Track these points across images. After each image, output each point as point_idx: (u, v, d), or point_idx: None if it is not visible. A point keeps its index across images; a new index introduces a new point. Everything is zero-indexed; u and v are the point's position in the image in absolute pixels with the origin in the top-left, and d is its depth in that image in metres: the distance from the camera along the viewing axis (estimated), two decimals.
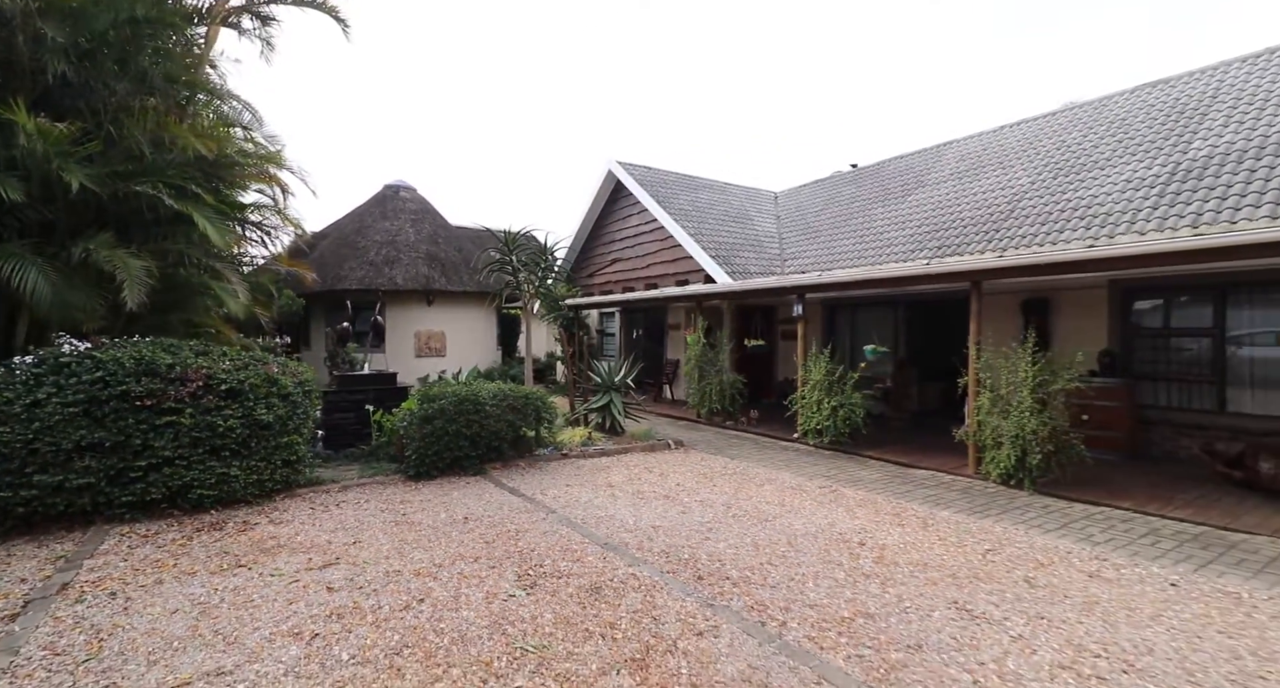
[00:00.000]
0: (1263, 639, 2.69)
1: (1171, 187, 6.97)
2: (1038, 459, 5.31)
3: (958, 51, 66.82)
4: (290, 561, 3.61)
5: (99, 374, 4.21)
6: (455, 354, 12.07)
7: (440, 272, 11.94)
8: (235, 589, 3.19)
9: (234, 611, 2.94)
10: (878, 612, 2.96)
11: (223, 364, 4.77)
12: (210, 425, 4.53)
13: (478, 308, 12.93)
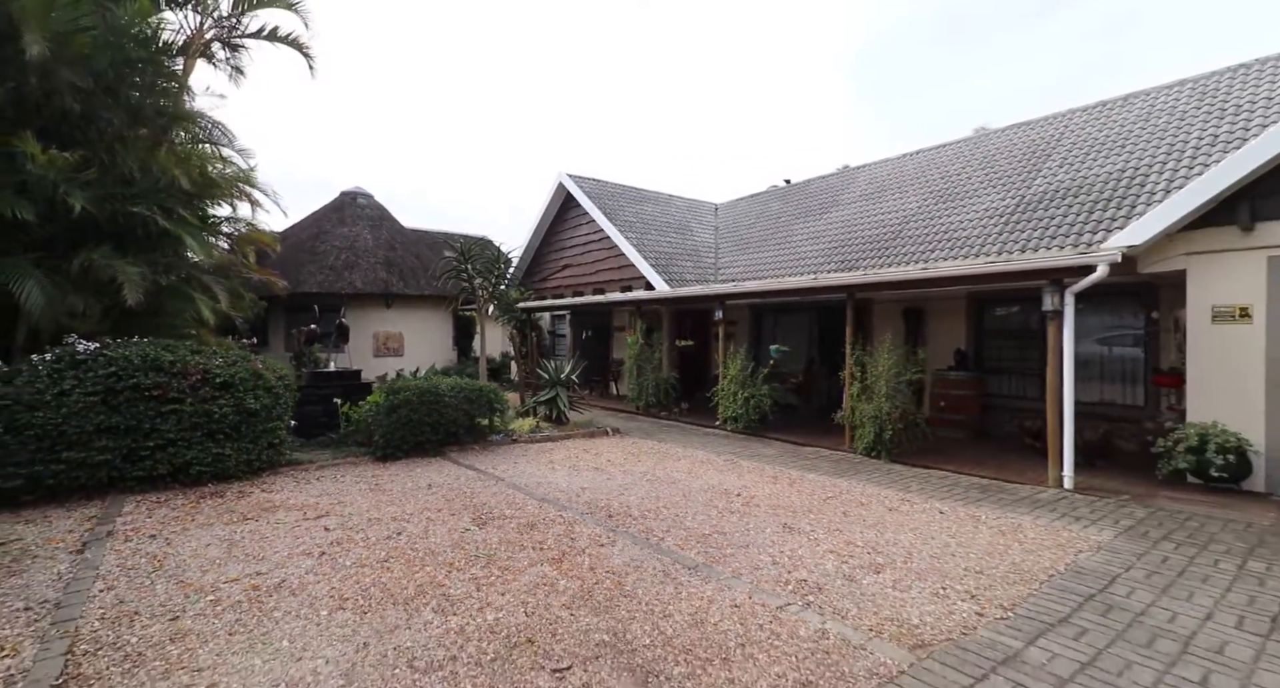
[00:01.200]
0: (971, 539, 4.19)
1: (1015, 216, 8.75)
2: (890, 435, 6.87)
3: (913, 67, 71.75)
4: (288, 515, 4.64)
5: (112, 369, 5.09)
6: (413, 354, 12.91)
7: (398, 276, 12.76)
8: (251, 531, 4.22)
9: (254, 542, 3.99)
10: (728, 530, 4.30)
11: (216, 361, 5.69)
12: (207, 413, 5.45)
13: (434, 310, 13.80)
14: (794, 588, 3.31)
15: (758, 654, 2.61)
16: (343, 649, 2.62)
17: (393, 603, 3.08)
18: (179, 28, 7.18)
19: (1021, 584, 3.38)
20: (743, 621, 2.91)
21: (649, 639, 2.73)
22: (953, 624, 2.89)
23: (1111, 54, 55.57)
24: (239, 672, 2.45)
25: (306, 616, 2.94)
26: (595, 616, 2.96)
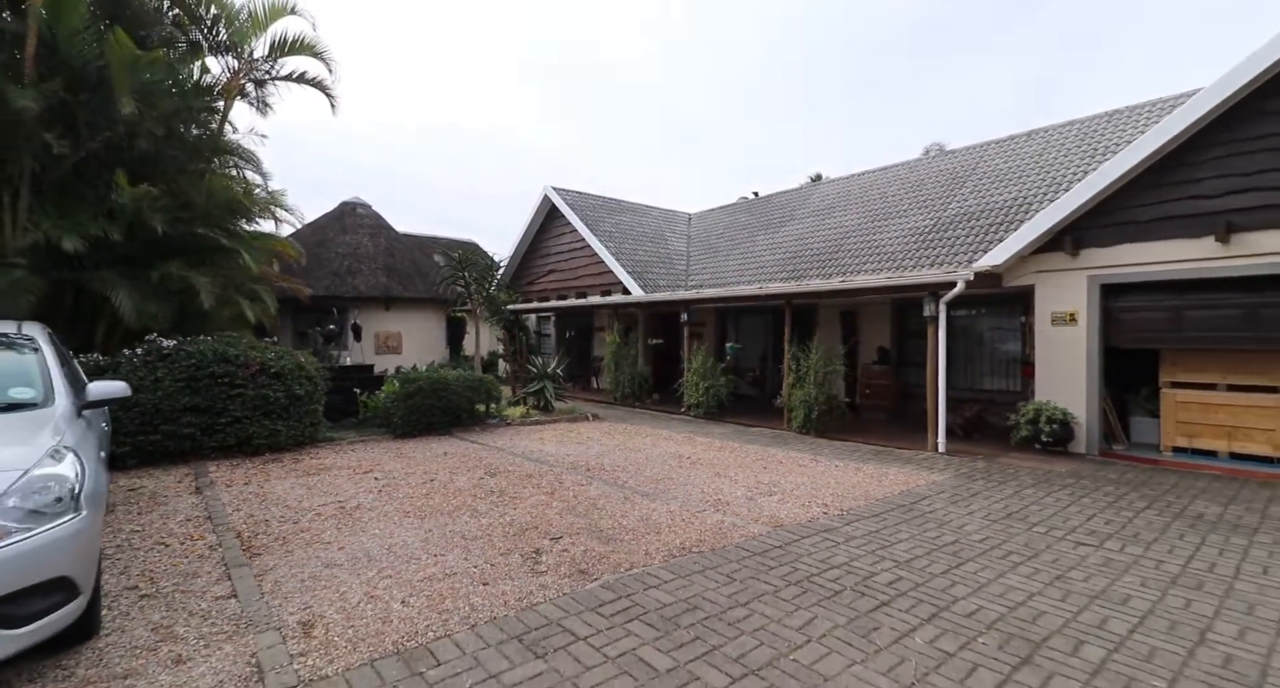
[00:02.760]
0: (846, 480, 5.90)
1: (931, 236, 10.59)
2: (817, 415, 8.61)
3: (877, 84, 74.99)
4: (340, 472, 6.15)
5: (193, 362, 6.54)
6: (410, 352, 14.34)
7: (397, 280, 14.17)
8: (318, 481, 5.73)
9: (325, 486, 5.51)
10: (675, 477, 5.96)
11: (268, 355, 7.16)
12: (264, 397, 6.92)
13: (429, 312, 15.25)
14: (711, 503, 4.98)
15: (678, 530, 4.26)
16: (415, 533, 4.20)
17: (439, 514, 4.66)
18: (221, 71, 8.60)
19: (862, 501, 5.10)
20: (672, 517, 4.57)
21: (611, 526, 4.37)
22: (804, 518, 4.59)
23: (1079, 64, 59.15)
24: (355, 543, 4.01)
25: (384, 520, 4.50)
26: (576, 517, 4.58)
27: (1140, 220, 6.99)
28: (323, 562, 3.65)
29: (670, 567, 3.61)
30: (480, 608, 3.03)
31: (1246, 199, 6.27)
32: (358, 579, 3.38)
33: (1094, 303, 7.36)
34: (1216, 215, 6.41)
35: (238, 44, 8.51)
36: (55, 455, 2.51)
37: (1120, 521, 4.63)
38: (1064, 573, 3.57)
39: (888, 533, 4.28)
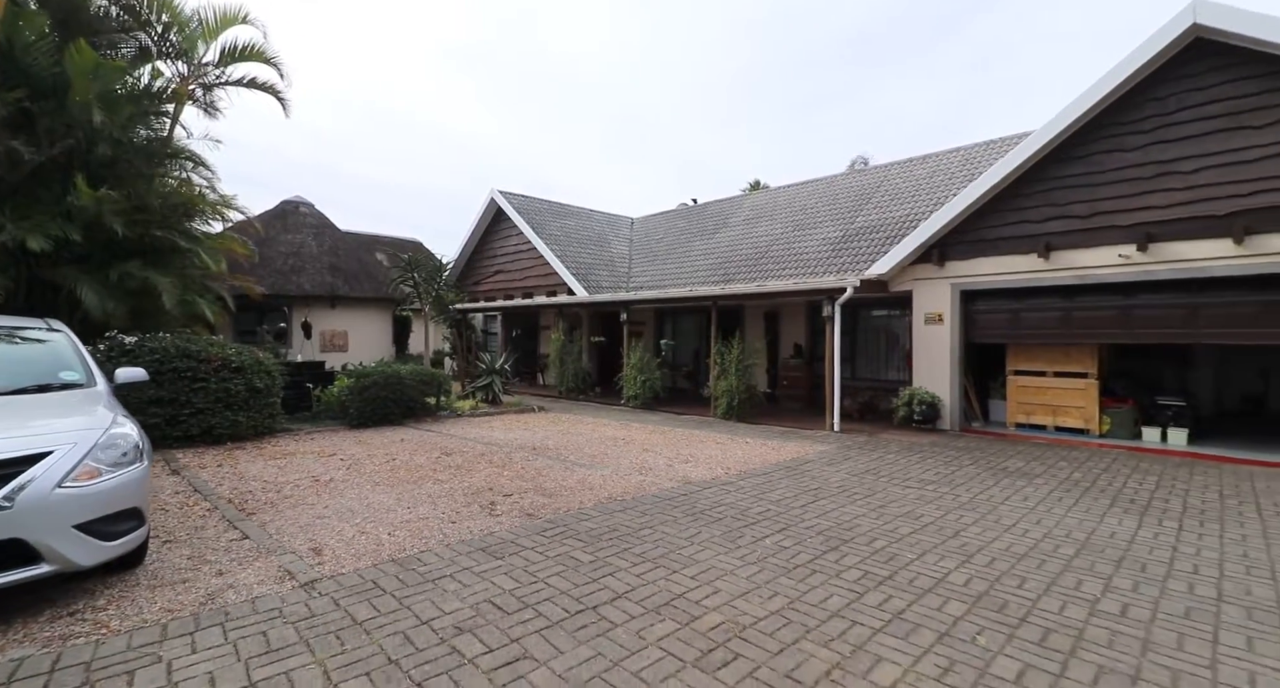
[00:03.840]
0: (750, 453, 7.22)
1: (840, 245, 12.24)
2: (737, 403, 9.98)
3: None
4: (306, 456, 6.87)
5: (156, 357, 7.05)
6: (356, 349, 14.72)
7: (343, 279, 14.52)
8: (287, 463, 6.45)
9: (294, 466, 6.25)
10: (609, 453, 7.09)
11: (229, 351, 7.72)
12: (226, 390, 7.49)
13: (375, 310, 15.66)
14: (636, 470, 6.15)
15: (607, 487, 5.39)
16: (387, 496, 5.10)
17: (405, 483, 5.57)
18: (172, 76, 8.97)
19: (758, 465, 6.41)
20: (604, 479, 5.69)
21: (553, 486, 5.43)
22: (709, 477, 5.83)
23: (991, 84, 65.27)
24: (337, 503, 4.87)
25: (357, 488, 5.37)
26: (524, 481, 5.62)
27: (988, 239, 8.75)
28: (313, 515, 4.52)
29: (598, 509, 4.73)
30: (451, 535, 4.04)
31: (1060, 224, 8.09)
32: (347, 525, 4.29)
33: (956, 306, 9.09)
34: (1039, 237, 8.21)
35: (188, 51, 8.91)
36: (120, 421, 3.32)
37: (946, 473, 6.15)
38: (886, 504, 4.96)
39: (769, 485, 5.58)
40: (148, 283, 7.64)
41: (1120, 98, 7.57)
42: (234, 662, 2.46)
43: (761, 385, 12.77)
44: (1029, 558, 3.75)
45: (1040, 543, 4.02)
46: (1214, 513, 4.77)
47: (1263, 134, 6.66)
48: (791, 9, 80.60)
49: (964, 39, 72.67)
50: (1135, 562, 3.70)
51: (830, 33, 78.88)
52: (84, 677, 2.34)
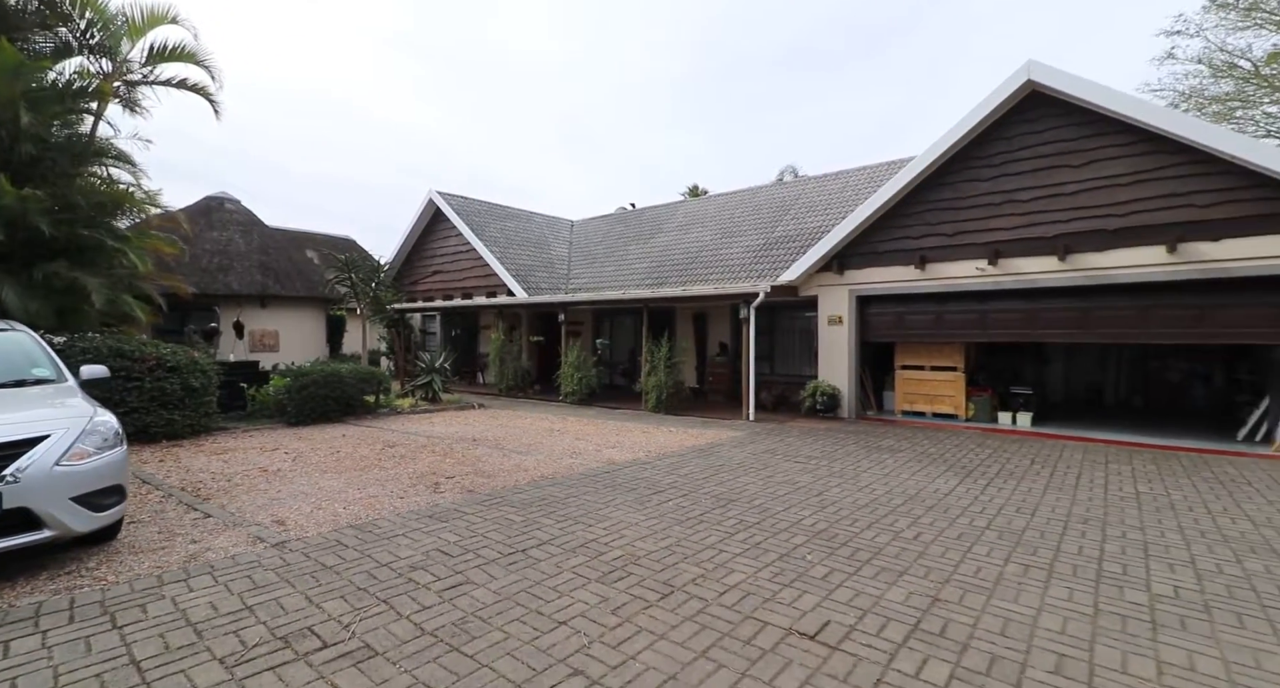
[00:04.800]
0: (670, 439, 8.22)
1: (762, 253, 13.52)
2: (666, 397, 11.00)
3: None
4: (248, 452, 7.23)
5: (89, 356, 7.18)
6: (288, 349, 14.63)
7: (274, 278, 14.40)
8: (230, 457, 6.82)
9: (238, 460, 6.64)
10: (544, 442, 7.88)
11: (164, 350, 7.90)
12: (161, 389, 7.68)
13: (308, 309, 15.58)
14: (567, 454, 6.98)
15: (540, 469, 6.20)
16: (337, 481, 5.68)
17: (352, 470, 6.14)
18: (96, 73, 8.92)
19: (675, 449, 7.41)
20: (537, 463, 6.49)
21: (491, 469, 6.18)
22: (631, 459, 6.76)
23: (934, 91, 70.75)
24: (289, 489, 5.41)
25: (306, 476, 5.90)
26: (465, 467, 6.33)
27: (878, 251, 10.20)
28: (268, 498, 5.07)
29: (531, 485, 5.53)
30: (401, 507, 4.73)
31: (932, 241, 9.61)
32: (303, 503, 4.89)
33: (853, 309, 10.50)
34: (916, 251, 9.71)
35: (112, 48, 8.91)
36: (100, 411, 3.82)
37: (830, 450, 7.38)
38: (774, 475, 6.05)
39: (681, 463, 6.58)
40: (76, 283, 7.70)
41: (977, 136, 9.14)
42: (228, 595, 3.11)
43: (690, 381, 13.90)
44: (867, 507, 4.90)
45: (880, 497, 5.21)
46: (1019, 473, 6.19)
47: (1079, 172, 8.35)
48: (734, 15, 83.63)
49: (895, 54, 77.97)
50: (942, 507, 4.92)
51: (770, 41, 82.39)
52: (102, 610, 2.93)
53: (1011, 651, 2.66)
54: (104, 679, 2.36)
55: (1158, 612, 3.05)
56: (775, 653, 2.63)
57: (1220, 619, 2.97)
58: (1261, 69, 14.70)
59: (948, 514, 4.73)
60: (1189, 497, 5.29)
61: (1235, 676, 2.48)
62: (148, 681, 2.35)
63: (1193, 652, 2.66)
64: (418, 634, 2.75)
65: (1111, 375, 12.53)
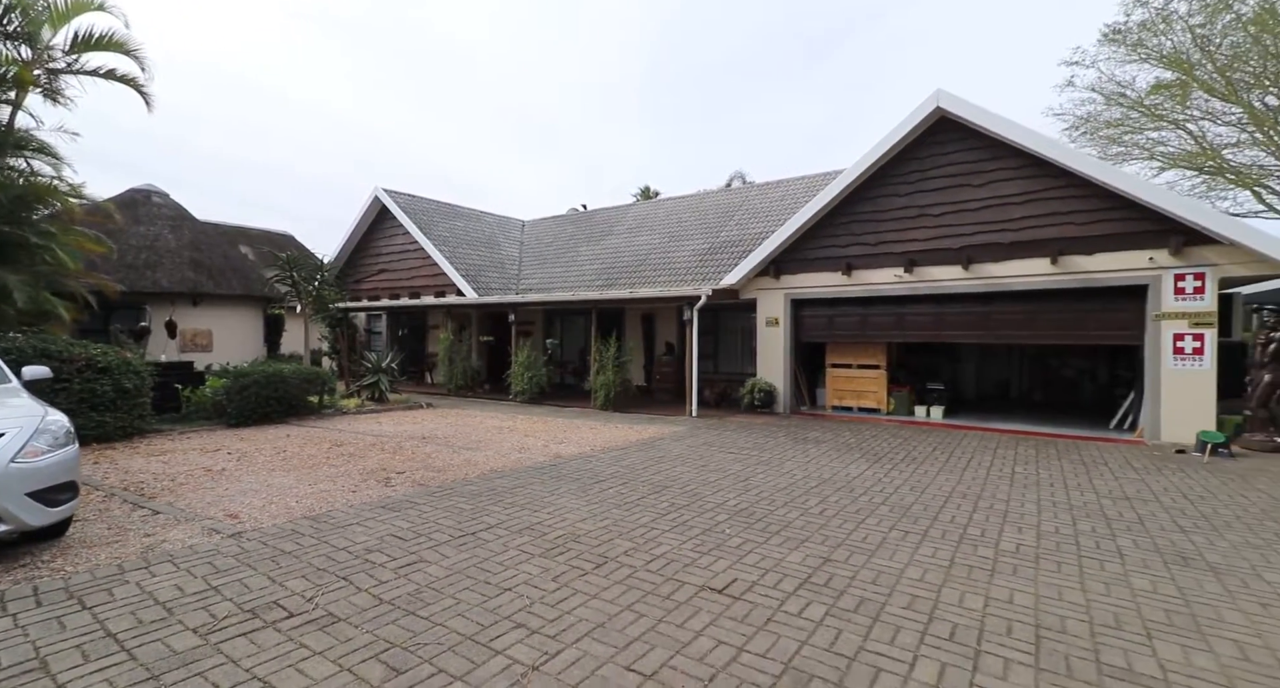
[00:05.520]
0: (617, 434, 8.72)
1: (707, 257, 14.20)
2: (614, 395, 11.49)
3: None
4: (188, 453, 7.21)
5: (11, 357, 6.97)
6: (222, 350, 14.17)
7: (207, 275, 13.91)
8: (170, 458, 6.81)
9: (179, 461, 6.65)
10: (494, 440, 8.21)
11: (94, 351, 7.72)
12: (91, 390, 7.52)
13: (244, 308, 15.13)
14: (516, 450, 7.36)
15: (490, 463, 6.56)
16: (287, 479, 5.85)
17: (302, 468, 6.30)
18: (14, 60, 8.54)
19: (619, 443, 7.92)
20: (487, 458, 6.84)
21: (442, 464, 6.49)
22: (577, 453, 7.21)
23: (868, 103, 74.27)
24: (238, 487, 5.55)
25: (254, 475, 6.02)
26: (415, 463, 6.60)
27: (810, 258, 11.05)
28: (217, 495, 5.22)
29: (480, 478, 5.90)
30: (354, 500, 5.01)
31: (857, 249, 10.53)
32: (254, 499, 5.08)
33: (788, 312, 11.32)
34: (843, 258, 10.61)
35: (33, 34, 8.57)
36: (51, 411, 3.94)
37: (762, 442, 8.08)
38: (708, 465, 6.65)
39: (624, 456, 7.09)
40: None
41: (895, 155, 10.11)
42: (192, 579, 3.37)
43: (638, 380, 14.46)
44: (785, 490, 5.56)
45: (798, 481, 5.89)
46: (920, 459, 7.05)
47: (979, 191, 9.42)
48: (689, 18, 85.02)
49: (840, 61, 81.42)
50: (848, 488, 5.64)
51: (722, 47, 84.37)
52: (68, 595, 3.14)
53: (878, 594, 3.30)
54: (84, 650, 2.62)
55: (999, 563, 3.79)
56: (689, 604, 3.16)
57: (1044, 567, 3.74)
58: (1144, 99, 16.64)
59: (852, 494, 5.44)
60: (1054, 475, 6.24)
61: (1041, 604, 3.21)
62: (127, 648, 2.64)
63: (1015, 590, 3.38)
64: (376, 603, 3.13)
65: (1016, 373, 13.97)
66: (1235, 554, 3.95)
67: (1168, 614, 3.09)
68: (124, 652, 2.61)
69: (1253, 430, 7.77)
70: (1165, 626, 2.97)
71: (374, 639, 2.76)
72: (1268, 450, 7.52)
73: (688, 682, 2.44)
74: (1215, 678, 2.51)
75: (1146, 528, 4.49)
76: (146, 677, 2.42)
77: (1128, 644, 2.78)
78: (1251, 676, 2.53)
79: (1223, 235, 7.66)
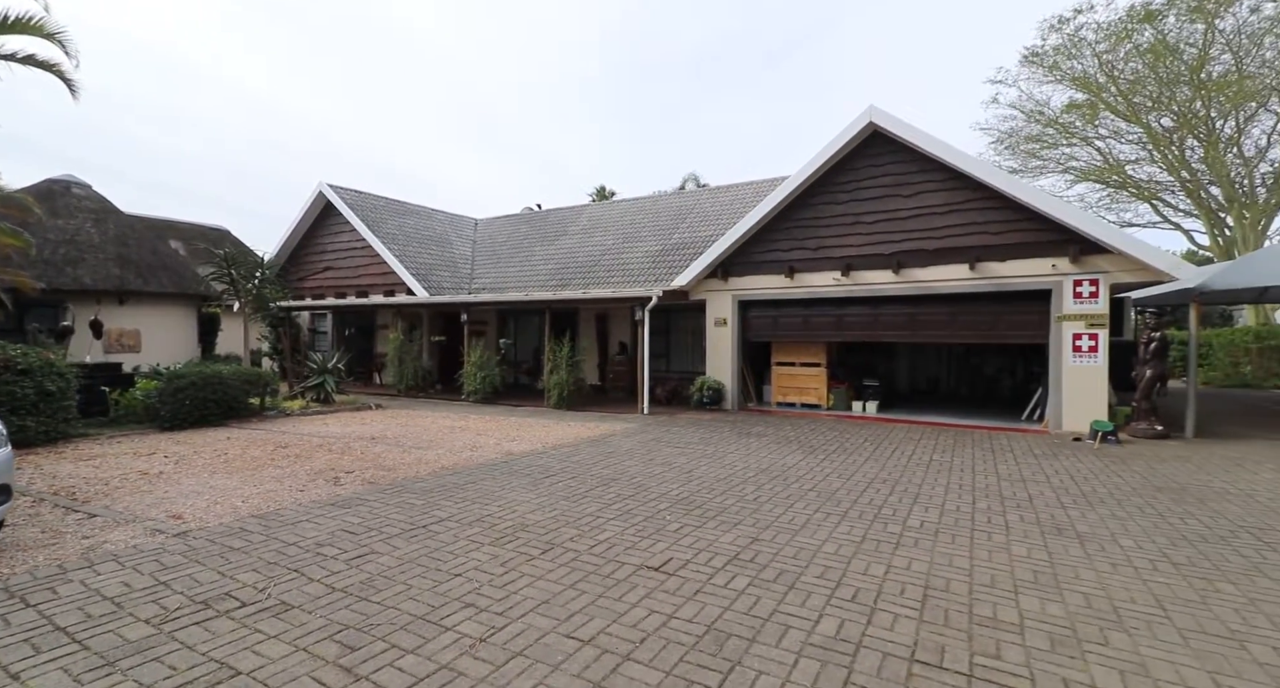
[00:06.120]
0: (569, 431, 8.97)
1: (659, 258, 14.59)
2: (567, 394, 11.71)
3: None
4: (120, 457, 6.99)
5: None
6: (152, 350, 13.50)
7: (135, 272, 13.21)
8: (101, 463, 6.59)
9: (111, 465, 6.46)
10: (445, 439, 8.30)
11: (13, 352, 7.35)
12: (10, 393, 7.17)
13: (176, 306, 14.45)
14: (468, 448, 7.50)
15: (441, 462, 6.69)
16: (229, 480, 5.82)
17: (245, 470, 6.26)
18: None
19: (571, 440, 8.17)
20: (438, 457, 6.96)
21: (393, 464, 6.57)
22: (529, 450, 7.42)
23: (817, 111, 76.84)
24: (178, 489, 5.49)
25: (194, 477, 5.95)
26: (365, 463, 6.66)
27: (755, 261, 11.61)
28: (156, 497, 5.17)
29: (432, 476, 6.04)
30: (302, 498, 5.08)
31: (799, 254, 11.15)
32: (198, 500, 5.06)
33: (736, 312, 11.85)
34: (786, 262, 11.21)
35: None
36: None
37: (708, 437, 8.51)
38: (655, 458, 7.01)
39: (575, 452, 7.36)
40: None
41: (834, 165, 10.77)
42: (139, 576, 3.43)
43: (592, 379, 14.72)
44: (724, 480, 5.97)
45: (737, 472, 6.31)
46: (851, 449, 7.63)
47: (908, 201, 10.18)
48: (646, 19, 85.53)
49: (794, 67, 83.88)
50: (783, 477, 6.11)
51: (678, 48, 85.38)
52: (9, 595, 3.16)
53: (796, 566, 3.72)
54: (34, 643, 2.69)
55: (903, 538, 4.29)
56: (627, 582, 3.48)
57: (941, 540, 4.26)
58: (1059, 117, 18.20)
59: (785, 481, 5.91)
60: (964, 462, 6.93)
61: (933, 570, 3.70)
62: (78, 640, 2.72)
63: (913, 559, 3.87)
64: (329, 592, 3.30)
65: (945, 370, 15.04)
66: (1100, 525, 4.60)
67: (1034, 574, 3.63)
68: (75, 643, 2.69)
69: (1138, 420, 8.77)
70: (1031, 583, 3.50)
71: (328, 622, 2.94)
72: (1150, 437, 8.51)
73: (621, 645, 2.76)
74: (1061, 622, 3.03)
75: (1034, 505, 5.13)
76: (102, 663, 2.53)
77: (998, 599, 3.28)
78: (1089, 619, 3.06)
79: (1112, 245, 8.63)
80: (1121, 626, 2.98)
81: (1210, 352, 17.05)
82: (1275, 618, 3.07)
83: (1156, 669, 2.59)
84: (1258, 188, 17.24)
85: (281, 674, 2.48)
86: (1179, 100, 16.42)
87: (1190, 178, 17.56)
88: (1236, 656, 2.71)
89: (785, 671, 2.55)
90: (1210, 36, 15.34)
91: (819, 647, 2.75)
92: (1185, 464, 6.75)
